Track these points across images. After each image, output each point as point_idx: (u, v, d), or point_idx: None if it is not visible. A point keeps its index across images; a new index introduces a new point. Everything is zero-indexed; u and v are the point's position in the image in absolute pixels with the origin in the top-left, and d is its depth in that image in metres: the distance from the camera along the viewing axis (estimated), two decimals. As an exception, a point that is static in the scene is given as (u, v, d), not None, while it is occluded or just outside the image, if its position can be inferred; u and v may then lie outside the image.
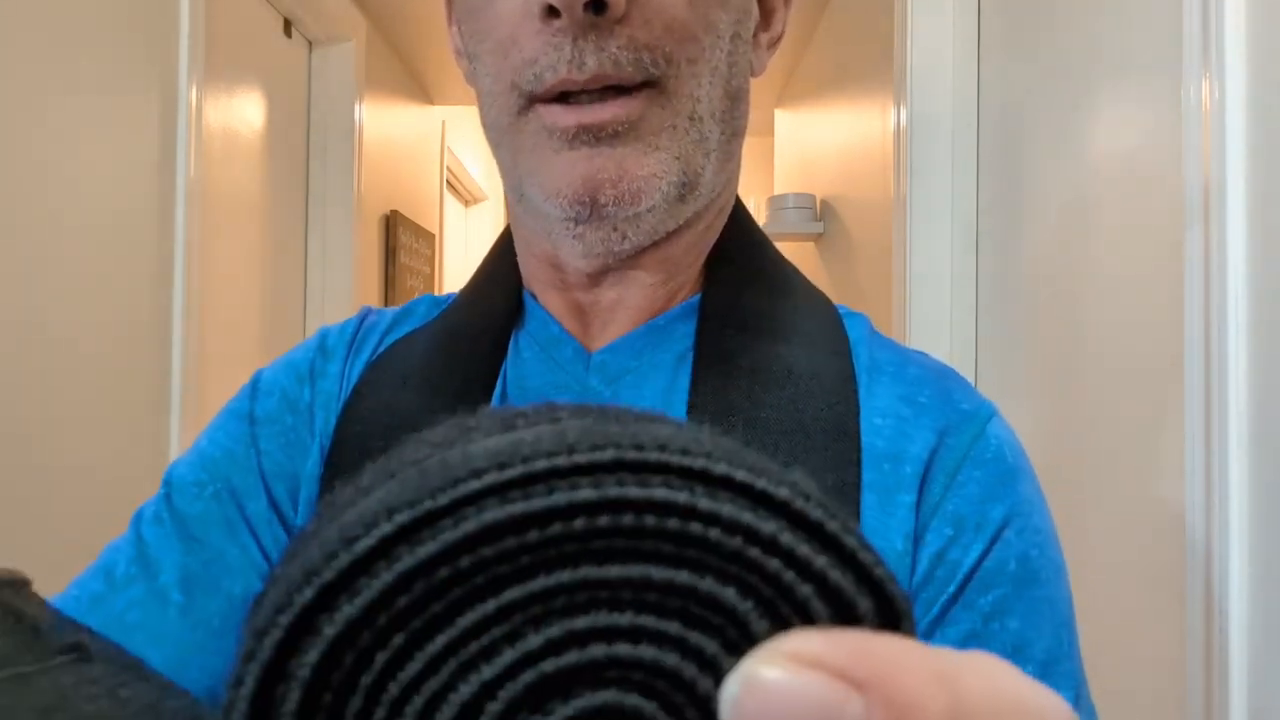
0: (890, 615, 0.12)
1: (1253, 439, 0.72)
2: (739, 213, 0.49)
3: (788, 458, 0.40)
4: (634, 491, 0.11)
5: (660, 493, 0.11)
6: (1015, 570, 0.39)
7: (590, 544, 0.11)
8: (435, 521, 0.11)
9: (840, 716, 0.10)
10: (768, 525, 0.12)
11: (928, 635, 0.39)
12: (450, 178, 3.27)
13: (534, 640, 0.11)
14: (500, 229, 0.52)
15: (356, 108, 2.04)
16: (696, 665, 0.12)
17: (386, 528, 0.11)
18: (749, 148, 0.48)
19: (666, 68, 0.39)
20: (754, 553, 0.11)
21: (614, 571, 0.11)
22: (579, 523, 0.11)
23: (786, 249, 2.67)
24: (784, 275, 0.48)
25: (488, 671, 0.11)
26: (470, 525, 0.11)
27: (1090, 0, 1.02)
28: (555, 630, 0.11)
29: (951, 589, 0.39)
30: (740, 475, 0.12)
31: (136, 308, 1.27)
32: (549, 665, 0.11)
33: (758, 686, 0.10)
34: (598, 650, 0.11)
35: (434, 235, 2.87)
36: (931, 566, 0.39)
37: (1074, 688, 0.39)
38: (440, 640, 0.11)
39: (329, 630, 0.11)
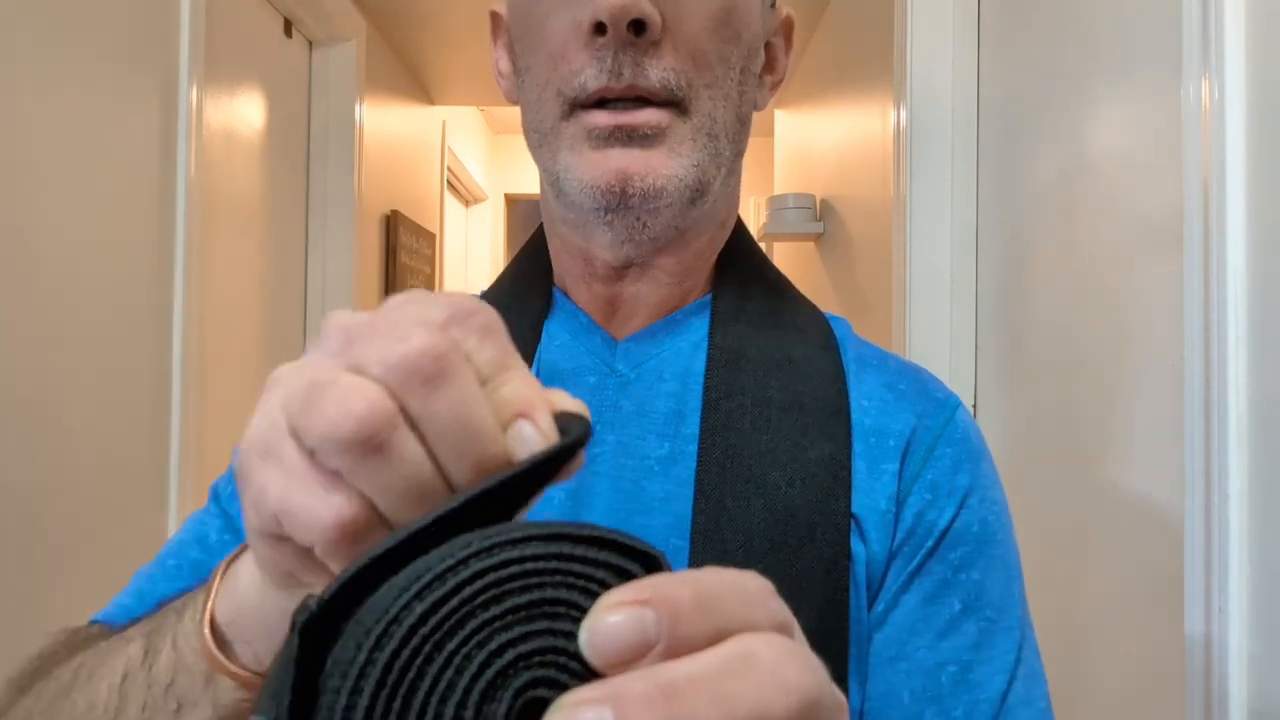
0: (653, 565, 0.20)
1: (1252, 439, 0.72)
2: (740, 227, 0.56)
3: (790, 431, 0.46)
4: (485, 561, 0.19)
5: (500, 556, 0.19)
6: (978, 532, 0.47)
7: (475, 600, 0.19)
8: (391, 625, 0.18)
9: (644, 621, 0.18)
10: (562, 547, 0.20)
11: (908, 583, 0.47)
12: (450, 178, 3.27)
13: (474, 665, 0.18)
14: (500, 229, 0.57)
15: (356, 108, 2.04)
16: (565, 638, 0.19)
17: (371, 639, 0.18)
18: (749, 148, 0.55)
19: (688, 90, 0.45)
20: (563, 565, 0.19)
21: (494, 609, 0.19)
22: (465, 592, 0.19)
23: (786, 249, 2.67)
24: (779, 281, 0.56)
25: (459, 691, 0.18)
26: (408, 623, 0.18)
27: (1090, 1, 1.02)
28: (481, 655, 0.18)
29: (929, 544, 0.47)
30: (536, 531, 0.19)
31: (136, 308, 1.27)
32: (488, 673, 0.18)
33: (595, 630, 0.18)
34: (509, 655, 0.19)
35: (434, 235, 2.87)
36: (913, 525, 0.47)
37: (1019, 629, 0.47)
38: (423, 686, 0.18)
39: (368, 688, 0.18)
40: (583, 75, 0.45)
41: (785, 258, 2.74)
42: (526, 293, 0.55)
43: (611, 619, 0.18)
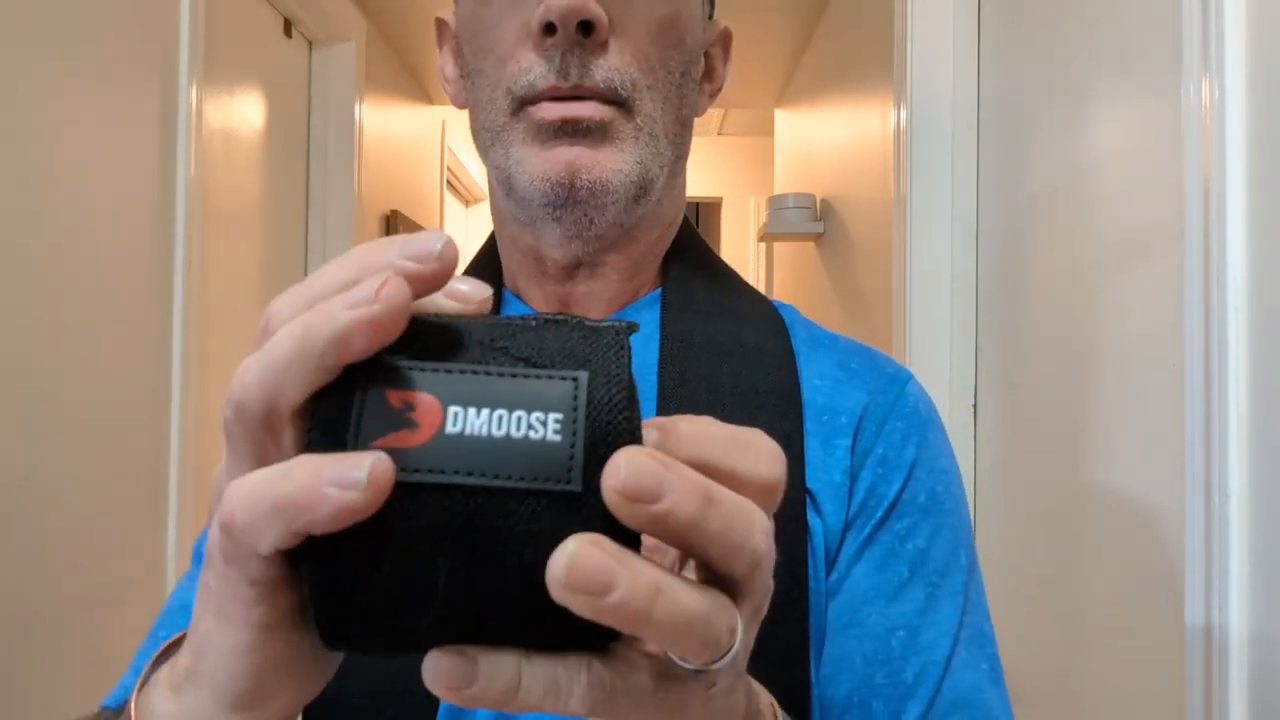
0: None
1: (1253, 439, 0.72)
2: (686, 225, 0.58)
3: (743, 415, 0.48)
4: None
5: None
6: (924, 502, 0.50)
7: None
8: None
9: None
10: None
11: (859, 552, 0.49)
12: (450, 177, 3.27)
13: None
14: (498, 229, 0.57)
15: (356, 108, 2.04)
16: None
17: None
18: (749, 148, 0.55)
19: (632, 90, 0.48)
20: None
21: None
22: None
23: (786, 249, 2.67)
24: (726, 272, 0.58)
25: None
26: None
27: (1090, 1, 1.02)
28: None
29: (878, 516, 0.49)
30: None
31: (136, 308, 1.27)
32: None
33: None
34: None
35: (434, 235, 2.86)
36: (865, 499, 0.49)
37: (963, 594, 0.49)
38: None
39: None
40: (531, 74, 0.47)
41: (785, 258, 2.74)
42: None
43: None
